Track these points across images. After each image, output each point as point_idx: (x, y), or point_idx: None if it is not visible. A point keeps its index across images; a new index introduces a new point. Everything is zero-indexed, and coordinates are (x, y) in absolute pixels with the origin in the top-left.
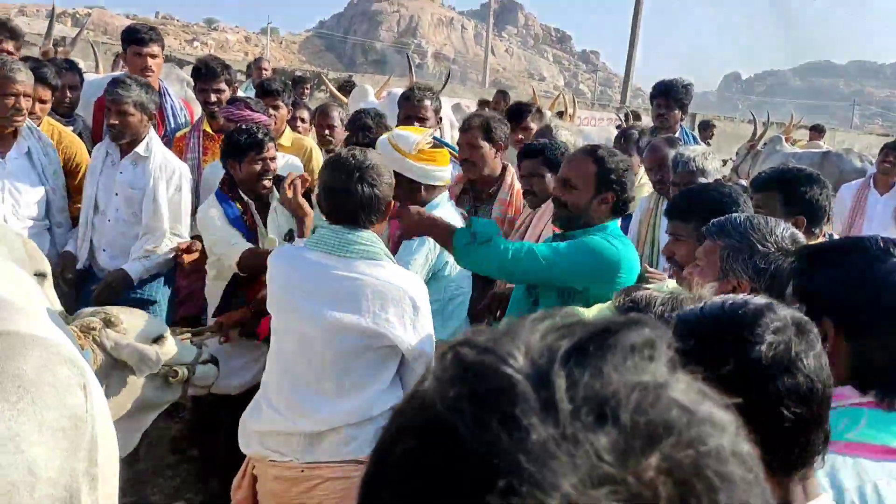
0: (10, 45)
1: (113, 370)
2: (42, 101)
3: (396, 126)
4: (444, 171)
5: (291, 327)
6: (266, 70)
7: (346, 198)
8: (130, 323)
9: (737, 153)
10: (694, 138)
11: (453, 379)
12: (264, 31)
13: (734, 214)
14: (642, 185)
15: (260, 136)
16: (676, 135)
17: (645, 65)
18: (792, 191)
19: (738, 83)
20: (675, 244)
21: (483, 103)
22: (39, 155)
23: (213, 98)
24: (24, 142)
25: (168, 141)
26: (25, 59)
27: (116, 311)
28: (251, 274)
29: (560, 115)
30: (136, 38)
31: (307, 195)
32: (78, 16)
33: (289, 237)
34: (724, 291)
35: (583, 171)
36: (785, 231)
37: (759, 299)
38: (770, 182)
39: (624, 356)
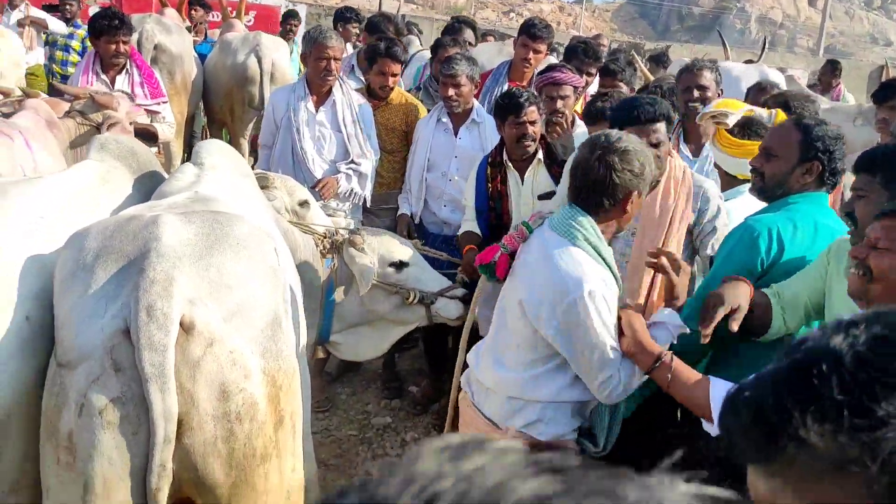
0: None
1: (352, 278)
2: (393, 75)
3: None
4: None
5: (509, 293)
6: (604, 46)
7: (581, 175)
8: (373, 244)
9: None
10: None
11: None
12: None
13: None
14: None
15: (521, 99)
16: None
17: None
18: None
19: None
20: (856, 200)
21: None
22: (343, 107)
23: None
24: (333, 96)
25: None
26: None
27: (370, 234)
28: None
29: None
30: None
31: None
32: None
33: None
34: None
35: (785, 139)
36: None
37: None
38: None
39: None
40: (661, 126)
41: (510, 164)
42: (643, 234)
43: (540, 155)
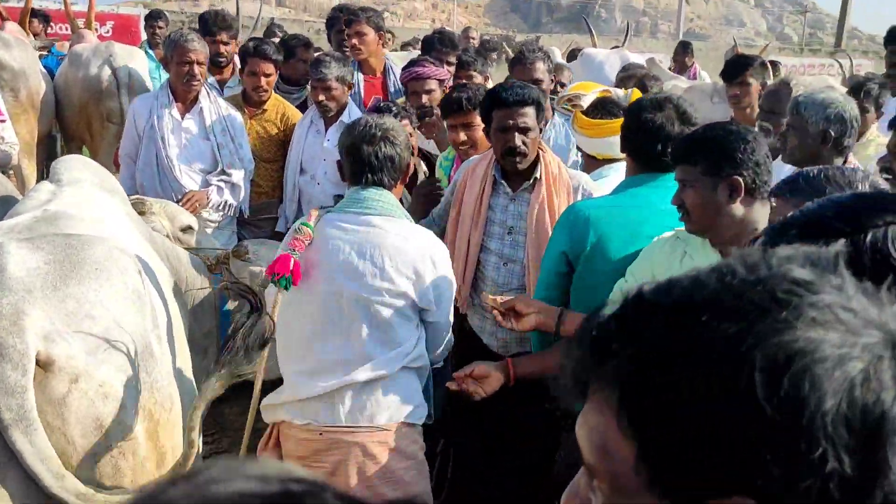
0: (224, 36)
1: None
2: (266, 75)
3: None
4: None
5: (316, 289)
6: (473, 39)
7: (356, 158)
8: (260, 252)
9: None
10: None
11: None
12: None
13: (806, 169)
14: (868, 143)
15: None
16: None
17: (862, 1)
18: None
19: None
20: (683, 191)
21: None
22: (211, 115)
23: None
24: (199, 104)
25: None
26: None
27: (254, 244)
28: None
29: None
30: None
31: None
32: None
33: None
34: None
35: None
36: (864, 179)
37: None
38: None
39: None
40: (530, 110)
41: None
42: (536, 235)
43: (423, 167)
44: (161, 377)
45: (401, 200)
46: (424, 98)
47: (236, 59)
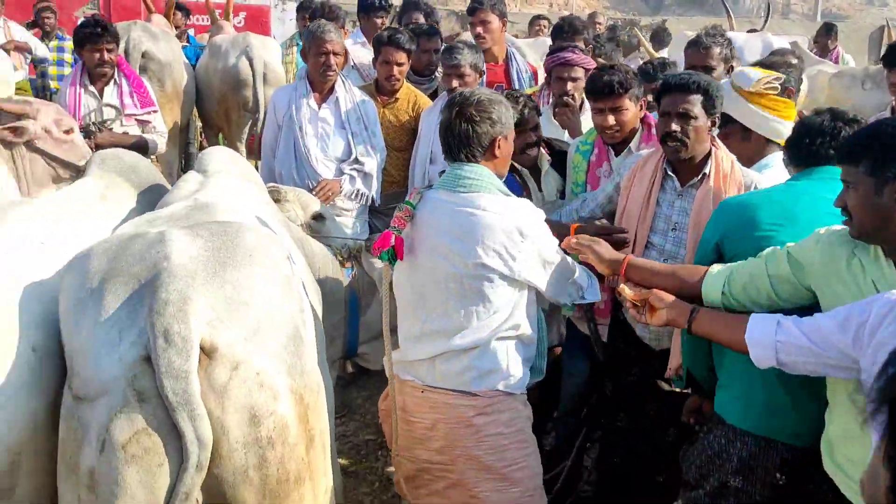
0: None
1: (373, 287)
2: (399, 64)
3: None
4: (784, 126)
5: (419, 262)
6: (600, 24)
7: (448, 134)
8: None
9: None
10: None
11: None
12: None
13: None
14: None
15: (525, 110)
16: None
17: None
18: None
19: None
20: (846, 192)
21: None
22: (347, 104)
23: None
24: (335, 94)
25: None
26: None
27: None
28: None
29: None
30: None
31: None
32: None
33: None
34: None
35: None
36: None
37: None
38: None
39: None
40: (695, 97)
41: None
42: (696, 232)
43: (546, 161)
44: (309, 361)
45: (530, 176)
46: (570, 85)
47: (349, 46)
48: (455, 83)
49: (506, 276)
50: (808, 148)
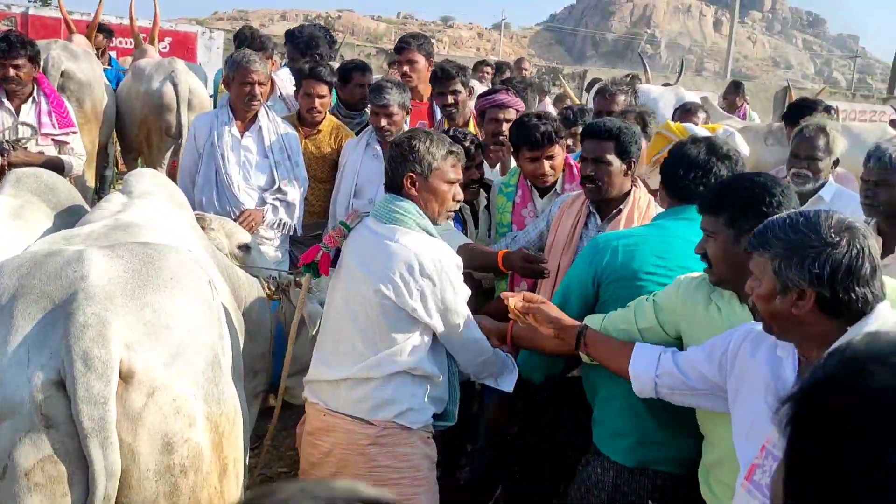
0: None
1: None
2: (320, 97)
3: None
4: None
5: (339, 285)
6: (527, 70)
7: (388, 168)
8: (321, 284)
9: None
10: None
11: None
12: (496, 26)
13: (772, 219)
14: None
15: (471, 147)
16: None
17: None
18: None
19: None
20: (706, 241)
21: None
22: (270, 134)
23: (451, 100)
24: (258, 122)
25: None
26: (308, 61)
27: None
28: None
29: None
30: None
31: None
32: (330, 18)
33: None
34: (789, 303)
35: None
36: (830, 220)
37: None
38: None
39: None
40: (609, 144)
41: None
42: None
43: (484, 199)
44: (227, 388)
45: (470, 213)
46: (504, 126)
47: (274, 77)
48: (383, 122)
49: (401, 310)
50: (681, 180)
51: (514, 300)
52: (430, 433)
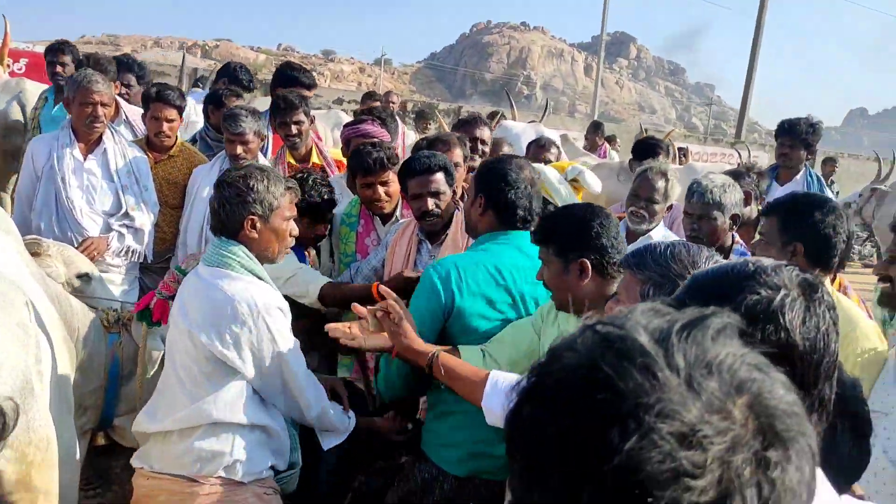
0: (131, 79)
1: (136, 357)
2: (168, 121)
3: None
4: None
5: (170, 333)
6: (394, 103)
7: (216, 213)
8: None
9: (860, 194)
10: (819, 180)
11: (597, 345)
12: (378, 62)
13: (654, 243)
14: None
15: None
16: (799, 175)
17: (763, 98)
18: (791, 217)
19: (865, 119)
20: (543, 269)
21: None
22: (116, 156)
23: (294, 130)
24: (103, 144)
25: None
26: (155, 84)
27: None
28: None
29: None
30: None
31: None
32: (207, 48)
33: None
34: None
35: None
36: (710, 259)
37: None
38: (773, 208)
39: (713, 334)
40: (440, 176)
41: None
42: None
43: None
44: (39, 416)
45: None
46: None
47: (120, 101)
48: (238, 150)
49: (217, 358)
50: (505, 197)
51: (360, 308)
52: (271, 488)
